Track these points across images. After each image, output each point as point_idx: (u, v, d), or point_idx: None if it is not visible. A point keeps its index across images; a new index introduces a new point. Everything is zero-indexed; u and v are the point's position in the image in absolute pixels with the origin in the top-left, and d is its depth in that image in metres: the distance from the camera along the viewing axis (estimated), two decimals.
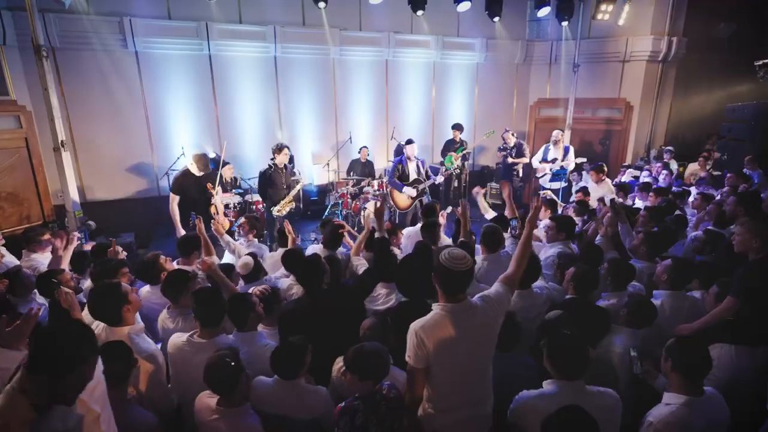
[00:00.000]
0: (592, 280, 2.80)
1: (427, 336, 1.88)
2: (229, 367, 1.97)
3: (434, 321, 1.91)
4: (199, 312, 2.38)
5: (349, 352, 1.94)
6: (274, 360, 2.11)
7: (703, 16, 9.25)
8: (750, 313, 2.34)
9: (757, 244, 2.47)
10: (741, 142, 6.73)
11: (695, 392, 1.93)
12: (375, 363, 1.89)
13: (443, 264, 1.89)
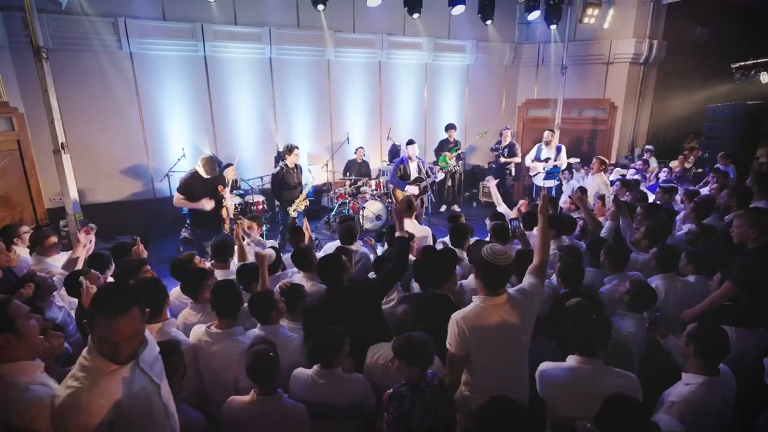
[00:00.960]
0: (577, 272, 3.00)
1: (468, 326, 2.02)
2: (269, 358, 2.08)
3: (475, 312, 2.05)
4: (216, 303, 2.48)
5: (397, 340, 2.05)
6: (314, 349, 2.21)
7: (681, 21, 9.68)
8: (749, 298, 2.55)
9: (754, 234, 2.69)
10: (721, 140, 7.10)
11: (712, 372, 2.12)
12: (422, 351, 2.01)
13: (486, 259, 2.02)
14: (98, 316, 1.39)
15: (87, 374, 1.39)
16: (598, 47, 9.51)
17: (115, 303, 1.39)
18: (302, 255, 3.15)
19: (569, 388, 2.02)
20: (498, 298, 2.05)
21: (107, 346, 1.40)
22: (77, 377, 1.39)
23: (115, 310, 1.38)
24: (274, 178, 5.61)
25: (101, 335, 1.39)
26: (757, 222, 2.69)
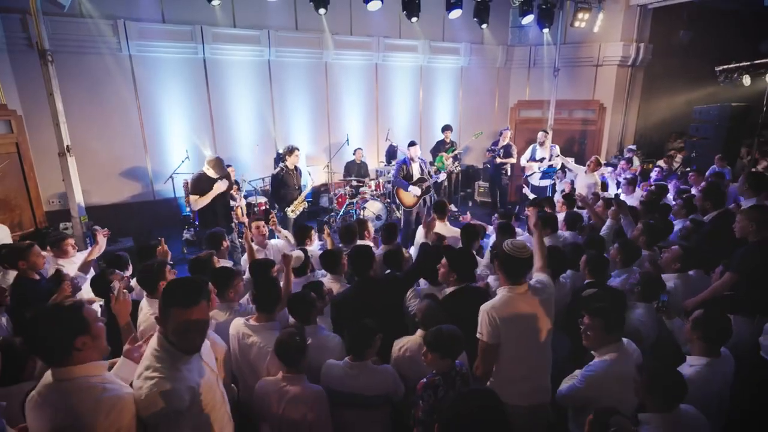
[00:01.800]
0: (603, 262, 3.19)
1: (498, 314, 2.17)
2: (296, 340, 2.21)
3: (503, 302, 2.20)
4: (258, 299, 2.59)
5: (429, 334, 2.18)
6: (348, 341, 2.34)
7: (665, 24, 10.02)
8: (747, 289, 2.76)
9: (753, 228, 2.90)
10: (707, 140, 7.40)
11: (714, 355, 2.31)
12: (453, 343, 2.15)
13: (507, 252, 2.18)
14: (173, 309, 1.49)
15: (163, 365, 1.49)
16: (588, 50, 9.78)
17: (190, 295, 1.50)
18: (331, 257, 3.26)
19: (598, 377, 2.17)
20: (520, 287, 2.21)
21: (181, 337, 1.50)
22: (155, 368, 1.49)
23: (190, 302, 1.48)
24: (274, 179, 5.69)
25: (176, 327, 1.49)
26: (756, 217, 2.91)
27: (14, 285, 2.96)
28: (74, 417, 1.43)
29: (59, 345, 1.49)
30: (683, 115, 10.36)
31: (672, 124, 10.78)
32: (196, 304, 1.49)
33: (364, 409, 2.32)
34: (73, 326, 1.51)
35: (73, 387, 1.48)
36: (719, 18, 10.66)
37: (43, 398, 1.49)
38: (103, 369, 1.59)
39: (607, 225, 4.10)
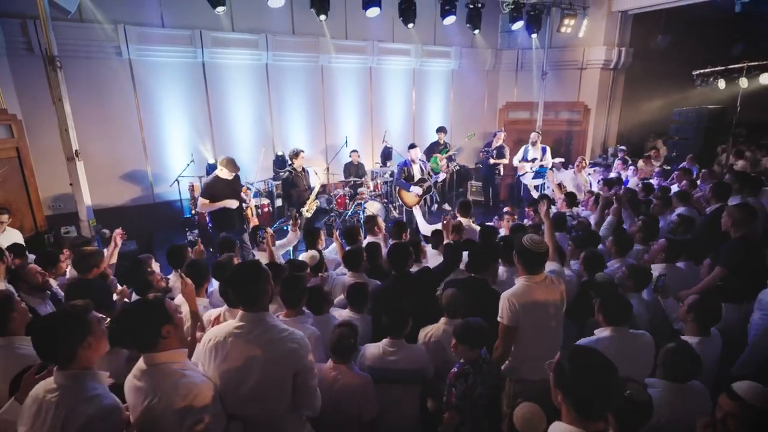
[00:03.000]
0: (600, 259, 3.49)
1: (517, 300, 2.44)
2: (350, 342, 2.45)
3: (521, 290, 2.47)
4: (285, 295, 2.78)
5: (458, 328, 2.42)
6: (387, 321, 2.58)
7: (645, 29, 10.51)
8: (734, 279, 3.09)
9: (731, 224, 3.24)
10: (687, 140, 7.85)
11: (706, 334, 2.61)
12: (481, 335, 2.40)
13: (526, 246, 2.44)
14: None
15: None
16: (572, 54, 10.19)
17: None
18: (353, 255, 3.48)
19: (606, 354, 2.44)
20: (537, 277, 2.47)
21: None
22: None
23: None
24: (284, 182, 5.86)
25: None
26: (735, 215, 3.25)
27: (69, 284, 3.10)
28: (158, 398, 1.63)
29: (148, 333, 1.68)
30: (662, 116, 10.89)
31: (651, 125, 11.31)
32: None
33: (400, 384, 2.55)
34: (159, 316, 1.71)
35: (158, 371, 1.68)
36: (695, 23, 11.23)
37: (137, 380, 1.68)
38: (183, 356, 1.78)
39: (608, 221, 4.40)
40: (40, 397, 1.58)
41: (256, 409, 1.84)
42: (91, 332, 1.64)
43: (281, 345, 1.83)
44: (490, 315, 2.55)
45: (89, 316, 1.68)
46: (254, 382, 1.80)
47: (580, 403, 1.36)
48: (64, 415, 1.52)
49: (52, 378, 1.62)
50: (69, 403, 1.54)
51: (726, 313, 3.08)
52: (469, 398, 2.33)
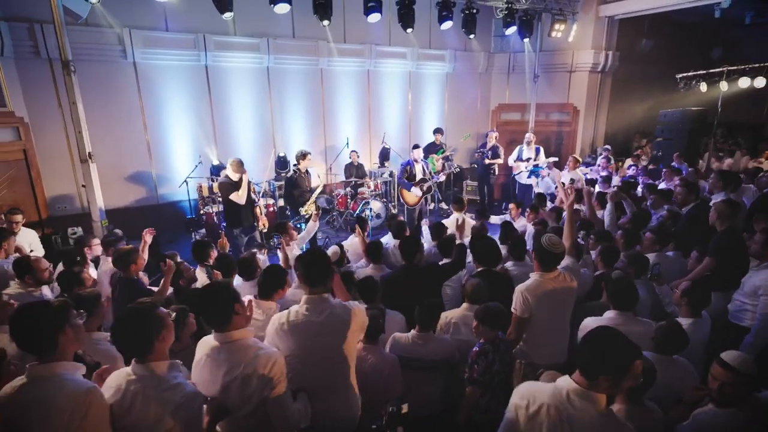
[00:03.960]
0: (615, 253, 3.79)
1: (530, 294, 2.71)
2: (380, 323, 2.69)
3: (535, 284, 2.74)
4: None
5: (480, 311, 2.67)
6: (419, 315, 2.82)
7: (630, 34, 10.95)
8: (721, 268, 3.42)
9: (717, 218, 3.58)
10: (671, 140, 8.27)
11: (697, 316, 2.92)
12: (501, 317, 2.66)
13: (545, 247, 2.71)
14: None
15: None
16: (562, 57, 10.57)
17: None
18: (374, 248, 3.73)
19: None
20: (551, 273, 2.74)
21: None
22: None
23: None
24: (287, 181, 6.07)
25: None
26: (721, 210, 3.60)
27: (120, 283, 3.29)
28: (240, 369, 1.84)
29: (223, 312, 1.90)
30: (647, 116, 11.37)
31: (637, 126, 11.77)
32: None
33: (427, 371, 2.80)
34: (230, 296, 1.93)
35: (235, 347, 1.90)
36: (676, 28, 11.73)
37: (213, 358, 1.90)
38: (251, 334, 2.01)
39: (608, 209, 4.71)
40: (123, 387, 1.72)
41: (318, 379, 2.11)
42: (165, 326, 1.79)
43: (342, 318, 2.13)
44: (506, 304, 2.81)
45: (159, 312, 1.81)
46: (320, 354, 2.08)
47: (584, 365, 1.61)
48: (152, 403, 1.66)
49: (130, 369, 1.76)
50: (153, 392, 1.68)
51: (715, 300, 3.41)
52: (488, 373, 2.59)
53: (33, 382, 1.57)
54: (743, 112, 11.99)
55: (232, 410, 1.85)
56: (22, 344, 1.61)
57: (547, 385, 1.67)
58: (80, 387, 1.56)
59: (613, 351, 1.56)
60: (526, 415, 1.64)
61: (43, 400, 1.51)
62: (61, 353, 1.62)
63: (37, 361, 1.61)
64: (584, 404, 1.55)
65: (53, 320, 1.64)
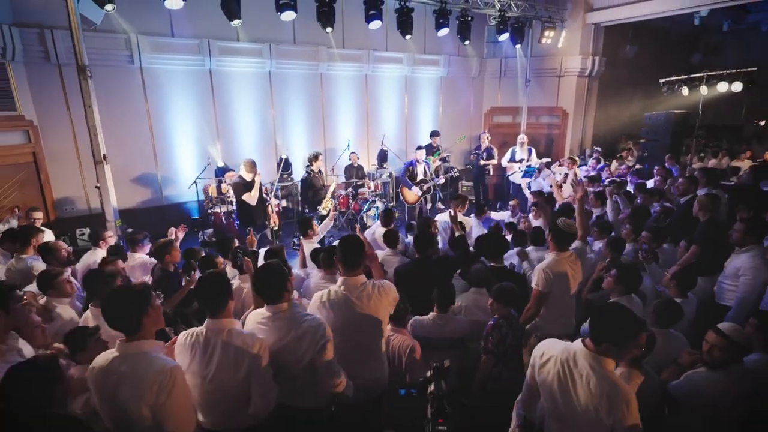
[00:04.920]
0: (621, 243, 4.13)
1: (552, 271, 3.05)
2: (403, 306, 2.96)
3: (554, 262, 3.09)
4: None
5: (495, 291, 2.96)
6: (438, 300, 3.10)
7: (616, 40, 11.45)
8: (706, 255, 3.77)
9: (700, 210, 3.96)
10: (656, 142, 8.72)
11: (684, 297, 3.26)
12: (513, 295, 2.96)
13: (560, 228, 3.03)
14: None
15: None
16: (551, 62, 11.00)
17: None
18: (392, 235, 4.03)
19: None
20: (565, 253, 3.08)
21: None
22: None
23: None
24: (302, 182, 6.32)
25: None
26: (702, 203, 3.98)
27: (158, 273, 3.52)
28: (295, 331, 2.14)
29: (278, 288, 2.19)
30: (632, 119, 11.87)
31: (623, 128, 12.27)
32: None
33: (445, 349, 3.08)
34: (284, 274, 2.21)
35: (287, 315, 2.20)
36: (659, 35, 12.28)
37: (267, 324, 2.18)
38: (300, 306, 2.29)
39: (609, 204, 5.05)
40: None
41: (352, 348, 2.39)
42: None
43: (374, 294, 2.43)
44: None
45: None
46: (355, 326, 2.35)
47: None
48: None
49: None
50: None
51: (702, 284, 3.77)
52: (502, 345, 2.89)
53: (124, 357, 1.79)
54: (723, 114, 12.62)
55: (285, 369, 2.10)
56: (113, 324, 1.82)
57: (562, 343, 1.97)
58: (167, 364, 1.79)
59: (618, 323, 1.83)
60: (539, 363, 1.96)
61: (135, 373, 1.74)
62: (145, 332, 1.85)
63: (126, 339, 1.84)
64: (585, 363, 1.84)
65: (138, 303, 1.84)
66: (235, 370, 1.91)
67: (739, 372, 2.30)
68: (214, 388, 1.96)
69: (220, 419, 1.94)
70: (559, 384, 1.87)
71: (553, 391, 1.90)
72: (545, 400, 1.98)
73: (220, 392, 1.96)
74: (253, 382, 1.93)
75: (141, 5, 7.03)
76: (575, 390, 1.83)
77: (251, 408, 1.93)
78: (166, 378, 1.70)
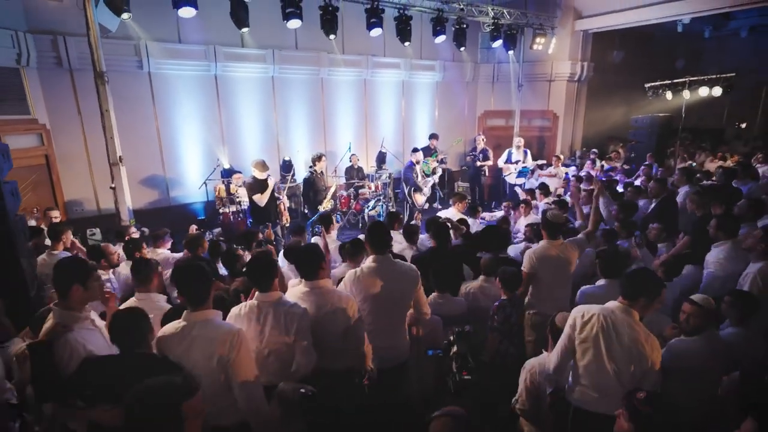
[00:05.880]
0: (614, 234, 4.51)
1: (535, 255, 3.40)
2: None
3: (540, 249, 3.43)
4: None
5: (500, 273, 3.31)
6: (435, 282, 3.45)
7: (603, 46, 11.93)
8: (698, 246, 4.15)
9: (695, 206, 4.35)
10: (642, 143, 9.18)
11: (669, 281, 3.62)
12: (516, 279, 3.30)
13: (549, 219, 3.38)
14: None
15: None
16: (542, 67, 11.44)
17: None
18: (411, 231, 4.37)
19: (598, 297, 3.40)
20: (556, 241, 3.42)
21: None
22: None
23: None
24: (305, 182, 6.62)
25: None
26: (696, 200, 4.37)
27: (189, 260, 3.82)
28: (328, 305, 2.46)
29: (313, 265, 2.50)
30: (620, 122, 12.35)
31: (610, 130, 12.75)
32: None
33: (446, 326, 3.41)
34: (320, 255, 2.53)
35: (322, 291, 2.53)
36: (644, 41, 12.81)
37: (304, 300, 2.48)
38: (330, 282, 2.60)
39: (602, 202, 5.41)
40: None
41: (380, 319, 2.71)
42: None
43: (406, 271, 2.77)
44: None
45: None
46: (383, 299, 2.67)
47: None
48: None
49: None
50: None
51: (693, 271, 4.13)
52: (507, 323, 3.22)
53: (192, 324, 2.07)
54: (706, 117, 13.17)
55: (320, 338, 2.41)
56: (187, 294, 2.11)
57: (597, 305, 2.37)
58: (233, 327, 2.09)
59: (649, 280, 2.35)
60: (582, 321, 2.33)
61: (206, 335, 2.02)
62: (209, 302, 2.13)
63: (191, 309, 2.12)
64: (623, 315, 2.28)
65: (208, 277, 2.13)
66: (285, 333, 2.22)
67: (713, 337, 2.66)
68: (266, 349, 2.27)
69: (271, 377, 2.23)
70: (605, 336, 2.26)
71: (597, 342, 2.28)
72: (583, 355, 2.32)
73: (271, 353, 2.27)
74: (297, 344, 2.23)
75: (151, 13, 7.28)
76: (619, 337, 2.24)
77: (294, 366, 2.23)
78: (235, 338, 1.99)
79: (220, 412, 1.99)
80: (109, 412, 2.02)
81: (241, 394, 1.98)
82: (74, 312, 2.26)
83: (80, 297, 2.23)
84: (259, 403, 2.01)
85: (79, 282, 2.26)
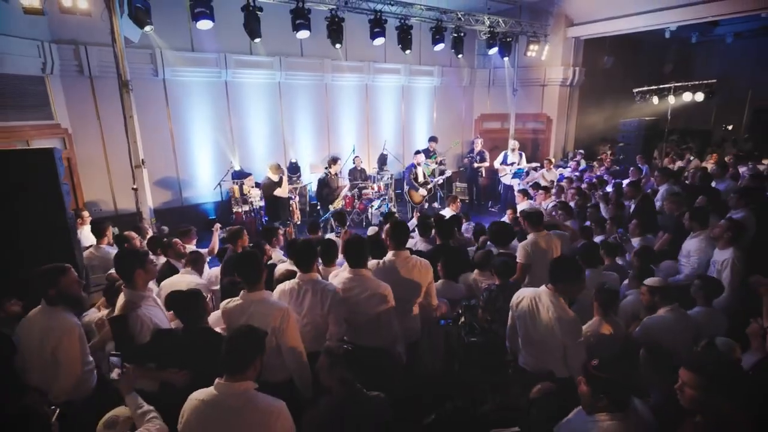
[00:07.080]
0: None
1: (529, 247, 3.85)
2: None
3: (531, 241, 3.89)
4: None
5: (495, 264, 3.76)
6: (446, 270, 3.89)
7: (594, 51, 12.43)
8: (677, 243, 4.63)
9: (671, 206, 4.84)
10: (630, 145, 9.69)
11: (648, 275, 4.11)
12: (509, 269, 3.75)
13: (527, 212, 3.85)
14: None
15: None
16: (536, 72, 11.93)
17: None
18: (424, 224, 4.82)
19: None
20: (540, 233, 3.89)
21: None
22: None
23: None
24: (320, 182, 7.08)
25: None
26: (672, 200, 4.85)
27: (230, 254, 4.26)
28: (369, 290, 2.90)
29: (361, 255, 2.96)
30: (610, 124, 12.87)
31: (601, 132, 13.26)
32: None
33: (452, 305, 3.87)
34: (366, 246, 3.00)
35: (363, 277, 2.98)
36: (633, 46, 13.34)
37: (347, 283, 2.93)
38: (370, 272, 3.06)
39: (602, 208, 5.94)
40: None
41: (401, 305, 3.14)
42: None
43: (422, 265, 3.22)
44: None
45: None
46: (401, 289, 3.10)
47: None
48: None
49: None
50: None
51: (669, 264, 4.60)
52: (491, 304, 3.57)
53: (249, 302, 2.54)
54: (695, 119, 13.71)
55: (357, 317, 2.85)
56: (246, 276, 2.57)
57: (531, 289, 2.85)
58: (282, 305, 2.56)
59: (569, 267, 2.78)
60: (516, 303, 2.82)
61: (261, 311, 2.49)
62: (262, 283, 2.60)
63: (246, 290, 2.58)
64: (547, 299, 2.71)
65: (261, 262, 2.61)
66: (321, 307, 2.67)
67: (681, 314, 3.13)
68: (305, 319, 2.73)
69: (307, 345, 2.68)
70: (530, 313, 2.73)
71: (526, 319, 2.75)
72: (520, 329, 2.81)
73: (309, 323, 2.72)
74: (331, 315, 2.69)
75: (167, 23, 7.68)
76: (539, 316, 2.68)
77: (327, 335, 2.69)
78: (285, 313, 2.45)
79: (272, 370, 2.44)
80: (177, 374, 2.49)
81: (289, 356, 2.44)
82: (139, 291, 2.71)
83: (143, 278, 2.68)
84: (303, 364, 2.46)
85: (140, 266, 2.71)
